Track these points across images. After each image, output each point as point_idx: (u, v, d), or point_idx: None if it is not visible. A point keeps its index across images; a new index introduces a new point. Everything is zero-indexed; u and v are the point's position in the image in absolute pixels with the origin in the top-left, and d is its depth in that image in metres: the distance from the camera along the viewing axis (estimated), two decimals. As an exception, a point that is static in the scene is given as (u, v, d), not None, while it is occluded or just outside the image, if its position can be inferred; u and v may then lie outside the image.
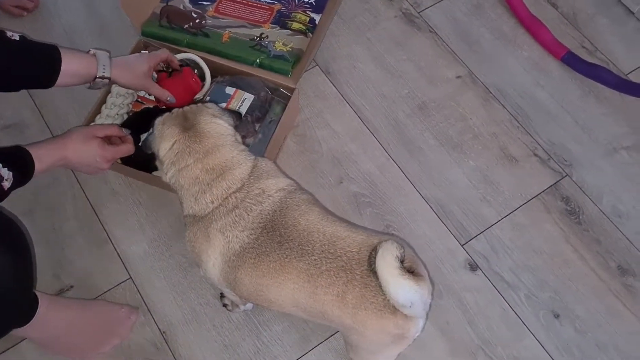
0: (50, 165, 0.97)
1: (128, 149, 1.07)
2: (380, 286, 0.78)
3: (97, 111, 1.22)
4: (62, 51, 0.97)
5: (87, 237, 1.20)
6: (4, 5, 1.41)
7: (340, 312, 0.83)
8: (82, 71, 0.99)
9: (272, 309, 0.95)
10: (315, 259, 0.84)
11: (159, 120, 0.97)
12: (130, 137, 1.09)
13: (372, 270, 0.79)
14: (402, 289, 0.76)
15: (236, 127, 0.99)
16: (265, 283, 0.87)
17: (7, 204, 1.17)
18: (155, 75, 1.16)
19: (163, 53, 1.14)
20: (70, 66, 0.97)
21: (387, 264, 0.76)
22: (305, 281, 0.84)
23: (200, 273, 0.97)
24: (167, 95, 1.14)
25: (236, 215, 0.89)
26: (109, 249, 1.19)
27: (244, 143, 1.00)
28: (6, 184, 0.88)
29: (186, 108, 0.98)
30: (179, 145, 0.93)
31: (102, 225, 1.21)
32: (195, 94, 1.21)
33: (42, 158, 0.95)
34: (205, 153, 0.92)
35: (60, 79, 0.97)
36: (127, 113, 1.23)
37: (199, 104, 1.00)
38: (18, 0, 1.42)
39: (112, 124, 1.16)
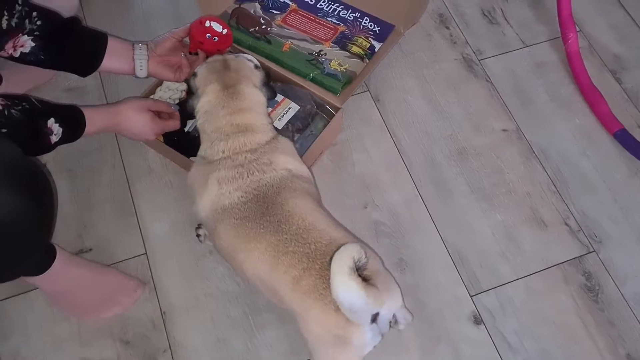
0: (101, 129, 1.05)
1: (175, 124, 1.17)
2: None
3: (152, 92, 1.29)
4: (107, 48, 1.05)
5: (115, 206, 1.26)
6: None
7: (291, 294, 0.87)
8: (119, 71, 1.09)
9: (236, 272, 1.01)
10: (286, 238, 0.89)
11: (201, 72, 1.04)
12: (177, 114, 1.18)
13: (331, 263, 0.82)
14: (344, 287, 0.78)
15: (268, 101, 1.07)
16: (237, 245, 0.94)
17: (52, 158, 1.26)
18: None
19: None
20: (109, 65, 1.07)
21: (340, 260, 0.79)
22: (271, 255, 0.90)
23: (192, 208, 1.04)
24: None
25: (237, 172, 0.96)
26: (133, 222, 1.24)
27: None
28: (54, 138, 0.95)
29: (232, 64, 1.05)
30: (216, 99, 1.01)
31: (132, 198, 1.27)
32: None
33: (95, 121, 1.03)
34: (237, 110, 1.00)
35: (98, 70, 1.07)
36: (180, 99, 1.29)
37: (243, 59, 1.07)
38: (106, -23, 1.52)
39: (163, 101, 1.23)
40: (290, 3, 1.42)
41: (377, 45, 1.38)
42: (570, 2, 1.44)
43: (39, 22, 0.96)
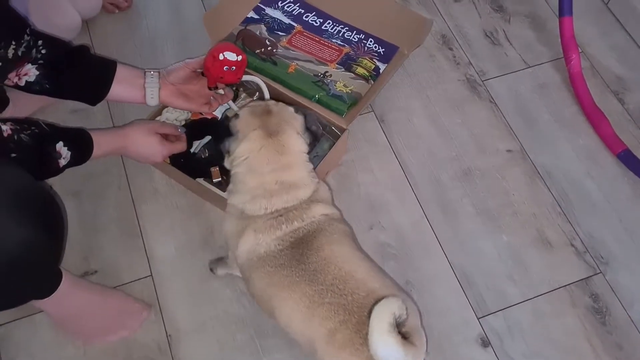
0: (109, 152, 1.06)
1: (182, 146, 1.17)
2: None
3: (159, 113, 1.29)
4: (116, 76, 1.04)
5: (121, 228, 1.25)
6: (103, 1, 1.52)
7: (326, 347, 0.85)
8: (130, 99, 1.09)
9: (269, 318, 0.98)
10: (322, 289, 0.87)
11: (243, 115, 1.00)
12: (184, 136, 1.18)
13: (369, 318, 0.80)
14: (383, 345, 0.76)
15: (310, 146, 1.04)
16: (271, 292, 0.92)
17: (58, 181, 1.26)
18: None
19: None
20: (118, 93, 1.06)
21: (380, 315, 0.77)
22: (306, 306, 0.88)
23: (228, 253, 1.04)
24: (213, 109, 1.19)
25: (276, 222, 0.94)
26: (139, 244, 1.24)
27: None
28: (62, 162, 0.96)
29: (274, 109, 1.01)
30: (260, 150, 0.96)
31: (138, 220, 1.26)
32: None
33: (102, 144, 1.03)
34: (283, 167, 0.97)
35: (107, 99, 1.07)
36: (186, 120, 1.29)
37: (283, 104, 1.04)
38: (114, -2, 1.53)
39: (170, 123, 1.24)
40: (296, 25, 1.43)
41: (382, 67, 1.39)
42: (572, 24, 1.46)
43: (43, 51, 0.96)
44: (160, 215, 1.27)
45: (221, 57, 1.05)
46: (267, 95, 1.30)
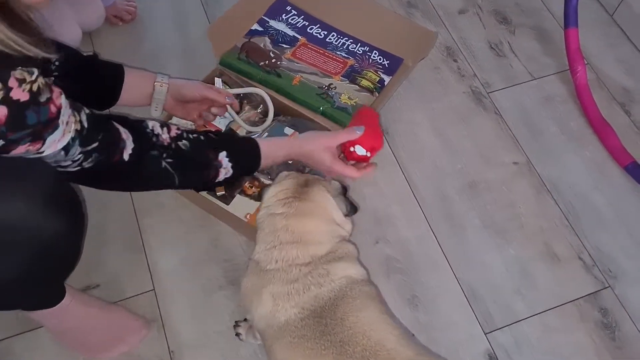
0: (278, 162, 1.03)
1: (352, 172, 1.02)
2: None
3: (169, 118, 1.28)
4: (124, 82, 1.04)
5: (124, 242, 1.24)
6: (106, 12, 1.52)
7: None
8: (137, 103, 1.08)
9: None
10: None
11: (283, 174, 0.99)
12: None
13: None
14: None
15: (345, 216, 0.96)
16: None
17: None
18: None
19: (220, 97, 1.13)
20: (127, 99, 1.06)
21: None
22: None
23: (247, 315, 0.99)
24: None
25: (293, 289, 0.87)
26: (141, 258, 1.22)
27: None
28: (222, 172, 0.94)
29: (310, 178, 0.97)
30: (283, 193, 0.93)
31: (141, 234, 1.25)
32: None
33: (270, 155, 0.99)
34: (297, 213, 0.90)
35: (115, 105, 1.07)
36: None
37: (324, 180, 0.99)
38: (118, 11, 1.53)
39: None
40: (300, 37, 1.43)
41: (387, 79, 1.38)
42: (578, 36, 1.45)
43: (57, 63, 0.95)
44: (164, 229, 1.26)
45: (351, 149, 1.03)
46: (270, 107, 1.29)
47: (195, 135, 0.93)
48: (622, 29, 1.61)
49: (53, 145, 0.74)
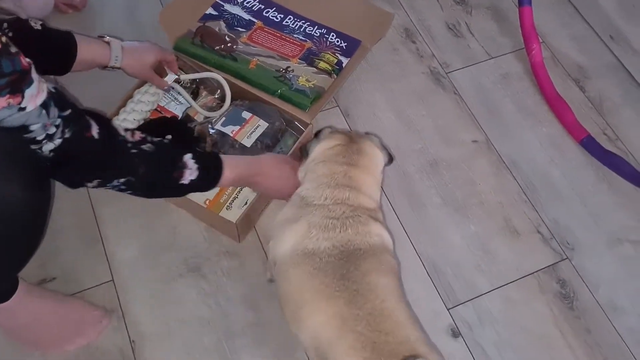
0: (240, 178, 0.99)
1: None
2: None
3: (130, 96, 1.25)
4: (77, 40, 1.04)
5: (80, 233, 1.21)
6: (55, 1, 1.47)
7: None
8: (96, 60, 1.07)
9: (292, 328, 0.91)
10: (358, 315, 0.81)
11: (327, 130, 1.04)
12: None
13: None
14: None
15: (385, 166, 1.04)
16: (305, 298, 0.86)
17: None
18: None
19: (170, 55, 1.23)
20: (85, 55, 1.05)
21: None
22: (336, 327, 0.82)
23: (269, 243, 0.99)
24: (165, 85, 1.22)
25: (331, 224, 0.90)
26: (99, 249, 1.19)
27: None
28: (187, 174, 0.91)
29: (352, 132, 1.05)
30: (341, 148, 0.98)
31: (97, 224, 1.22)
32: None
33: (233, 167, 0.97)
34: (356, 164, 0.96)
35: (74, 67, 1.04)
36: (144, 119, 1.26)
37: (364, 134, 1.06)
38: (68, -1, 1.49)
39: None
40: (256, 20, 1.41)
41: (345, 61, 1.37)
42: (532, 15, 1.47)
43: (10, 34, 0.92)
44: (122, 218, 1.23)
45: None
46: (227, 91, 1.27)
47: (159, 139, 0.91)
48: (575, 7, 1.64)
49: (32, 100, 0.73)
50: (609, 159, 1.35)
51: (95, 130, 0.83)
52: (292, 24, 1.42)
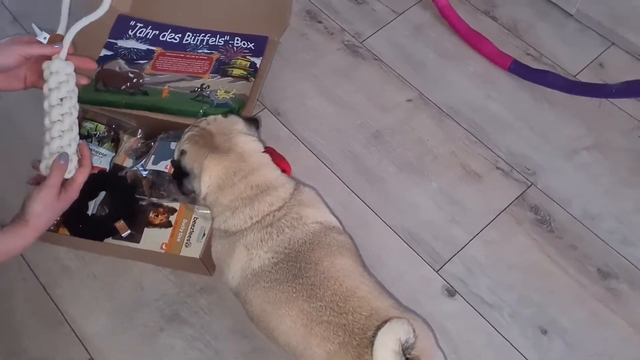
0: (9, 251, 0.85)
1: (81, 180, 0.92)
2: None
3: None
4: None
5: (41, 320, 1.12)
6: None
7: None
8: None
9: (270, 341, 0.89)
10: (321, 305, 0.80)
11: (188, 149, 0.95)
12: (86, 153, 0.95)
13: (372, 342, 0.73)
14: None
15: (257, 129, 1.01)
16: (268, 310, 0.85)
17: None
18: None
19: (46, 47, 0.89)
20: None
21: (386, 342, 0.70)
22: (303, 325, 0.81)
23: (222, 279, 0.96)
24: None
25: (266, 234, 0.88)
26: (66, 330, 1.11)
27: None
28: None
29: (212, 127, 0.96)
30: (222, 168, 0.92)
31: (56, 306, 1.14)
32: None
33: None
34: (250, 171, 0.92)
35: None
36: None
37: (222, 119, 0.98)
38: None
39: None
40: (154, 48, 1.34)
41: (257, 61, 1.32)
42: (424, -39, 1.46)
43: None
44: (78, 292, 1.15)
45: None
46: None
47: None
48: (462, -58, 1.64)
49: None
50: (540, 76, 1.36)
51: None
52: (193, 40, 1.36)
